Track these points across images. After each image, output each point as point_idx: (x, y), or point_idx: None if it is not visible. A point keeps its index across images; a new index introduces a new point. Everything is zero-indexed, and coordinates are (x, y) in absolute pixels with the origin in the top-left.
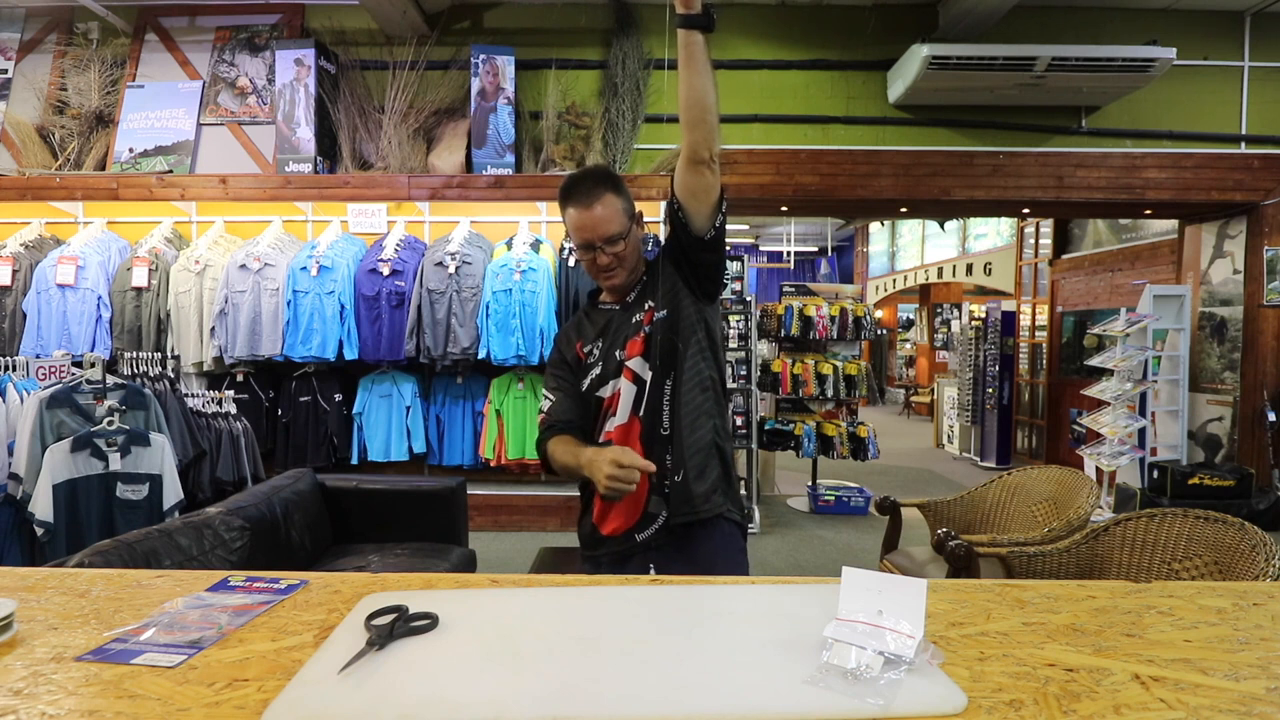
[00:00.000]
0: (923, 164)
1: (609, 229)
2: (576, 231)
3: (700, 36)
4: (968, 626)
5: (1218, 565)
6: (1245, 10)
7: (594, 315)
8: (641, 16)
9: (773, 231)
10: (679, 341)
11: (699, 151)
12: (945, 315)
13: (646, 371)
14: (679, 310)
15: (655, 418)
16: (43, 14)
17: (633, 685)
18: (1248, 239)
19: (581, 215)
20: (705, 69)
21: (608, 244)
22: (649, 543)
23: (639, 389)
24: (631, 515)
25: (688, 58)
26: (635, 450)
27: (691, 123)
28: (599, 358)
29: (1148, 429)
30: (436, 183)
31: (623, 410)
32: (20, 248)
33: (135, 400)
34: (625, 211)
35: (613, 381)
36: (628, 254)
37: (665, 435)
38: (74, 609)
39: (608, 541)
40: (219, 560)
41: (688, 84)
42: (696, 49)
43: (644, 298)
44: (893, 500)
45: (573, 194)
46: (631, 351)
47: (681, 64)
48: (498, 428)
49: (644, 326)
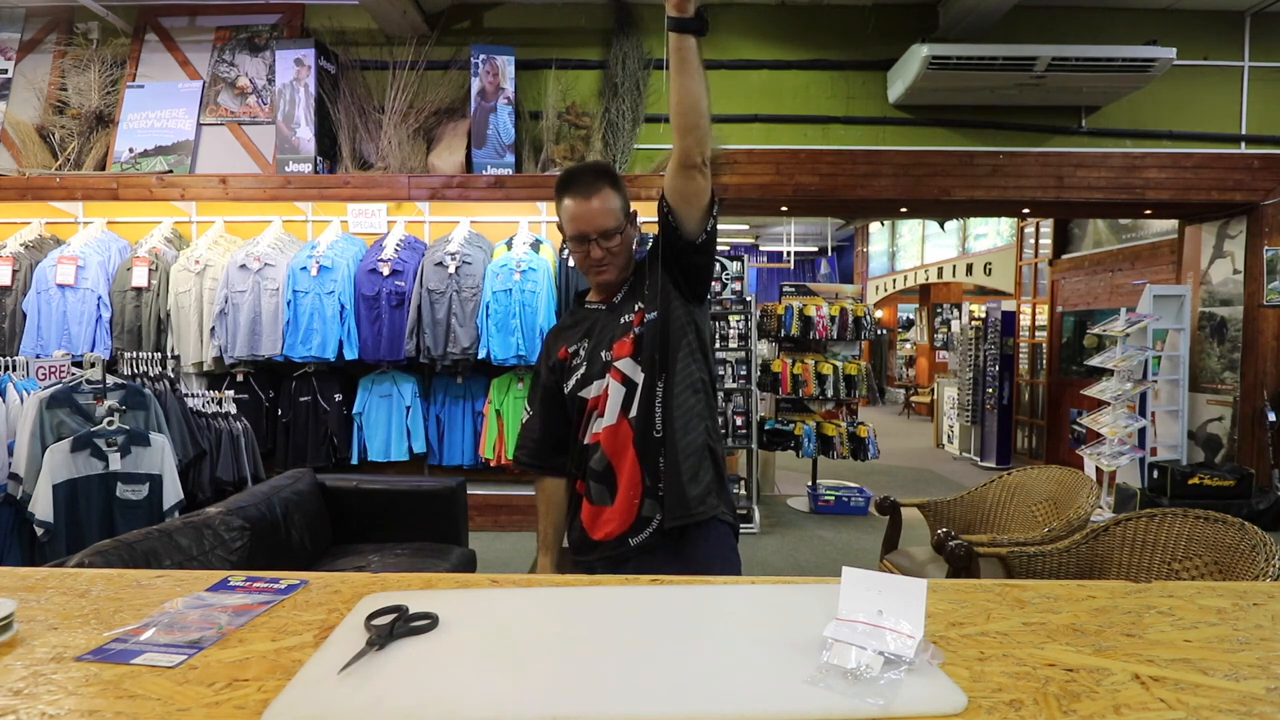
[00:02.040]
0: (923, 164)
1: (605, 222)
2: (572, 223)
3: (693, 40)
4: (968, 626)
5: (1218, 565)
6: (1245, 10)
7: (579, 315)
8: (641, 16)
9: (773, 231)
10: (671, 344)
11: (690, 156)
12: (945, 315)
13: (638, 374)
14: (670, 312)
15: (648, 420)
16: (43, 14)
17: (632, 685)
18: (1248, 239)
19: (579, 206)
20: (698, 73)
21: (602, 238)
22: (643, 546)
23: (628, 390)
24: (625, 519)
25: (680, 62)
26: (628, 453)
27: (683, 128)
28: (584, 358)
29: (1148, 429)
30: (436, 183)
31: (611, 411)
32: (20, 248)
33: (135, 400)
34: (622, 208)
35: (598, 382)
36: (621, 250)
37: (658, 438)
38: (74, 609)
39: (600, 546)
40: (219, 560)
41: (680, 88)
42: (689, 53)
43: (633, 298)
44: (893, 500)
45: (571, 185)
46: (620, 352)
47: (673, 68)
48: (498, 428)
49: (634, 328)
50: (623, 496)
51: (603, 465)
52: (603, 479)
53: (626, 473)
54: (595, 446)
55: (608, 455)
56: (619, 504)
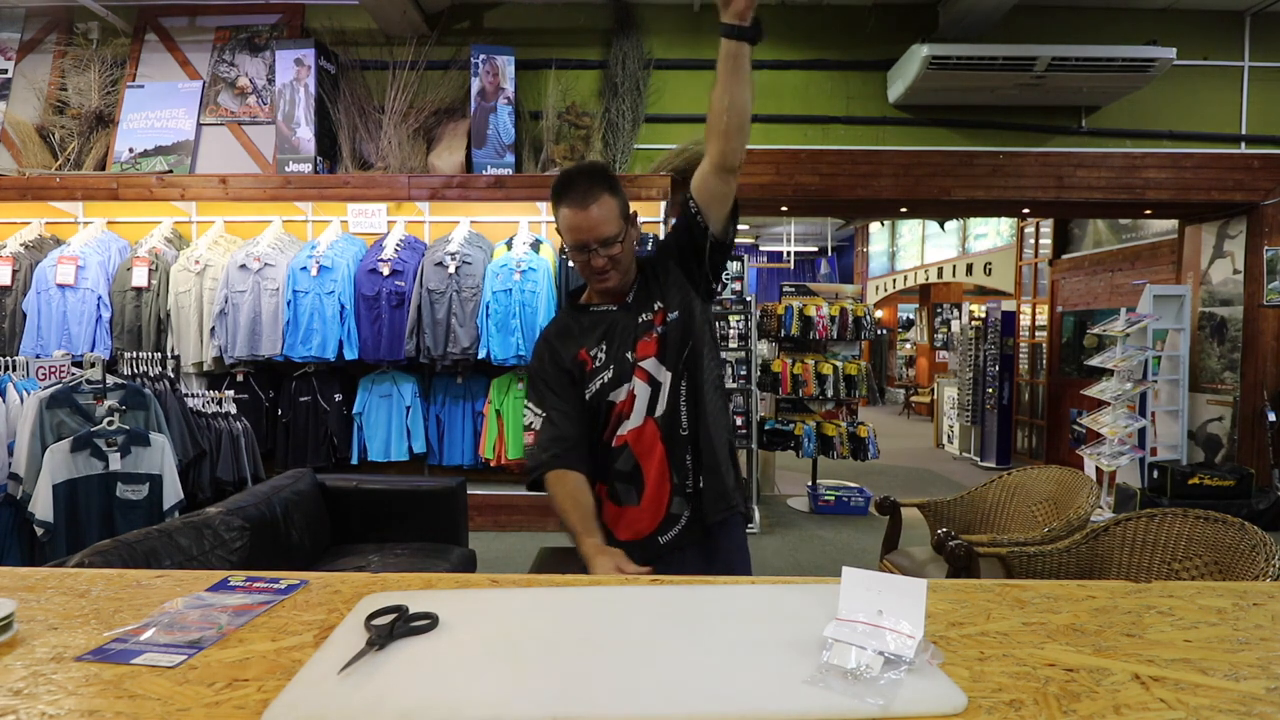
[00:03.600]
0: (923, 164)
1: (605, 230)
2: (570, 233)
3: (747, 48)
4: (968, 626)
5: (1218, 565)
6: (1245, 10)
7: (584, 318)
8: (641, 16)
9: (773, 231)
10: (695, 342)
11: (730, 160)
12: (945, 315)
13: (664, 373)
14: (691, 311)
15: (674, 419)
16: (43, 14)
17: (633, 685)
18: (1248, 239)
19: (576, 216)
20: (748, 80)
21: (603, 246)
22: (673, 544)
23: (653, 390)
24: (654, 518)
25: (734, 69)
26: (657, 451)
27: (728, 131)
28: (606, 361)
29: (1148, 429)
30: (436, 183)
31: (637, 413)
32: (20, 248)
33: (135, 400)
34: (621, 212)
35: (625, 385)
36: (623, 255)
37: (685, 436)
38: (74, 609)
39: (626, 546)
40: (219, 560)
41: (730, 94)
42: (743, 60)
43: (648, 297)
44: (893, 500)
45: (567, 193)
46: (644, 352)
47: (725, 74)
48: (498, 428)
49: (656, 327)
50: (650, 495)
51: (629, 465)
52: (630, 479)
53: (655, 471)
54: (622, 448)
55: (635, 455)
56: (646, 503)
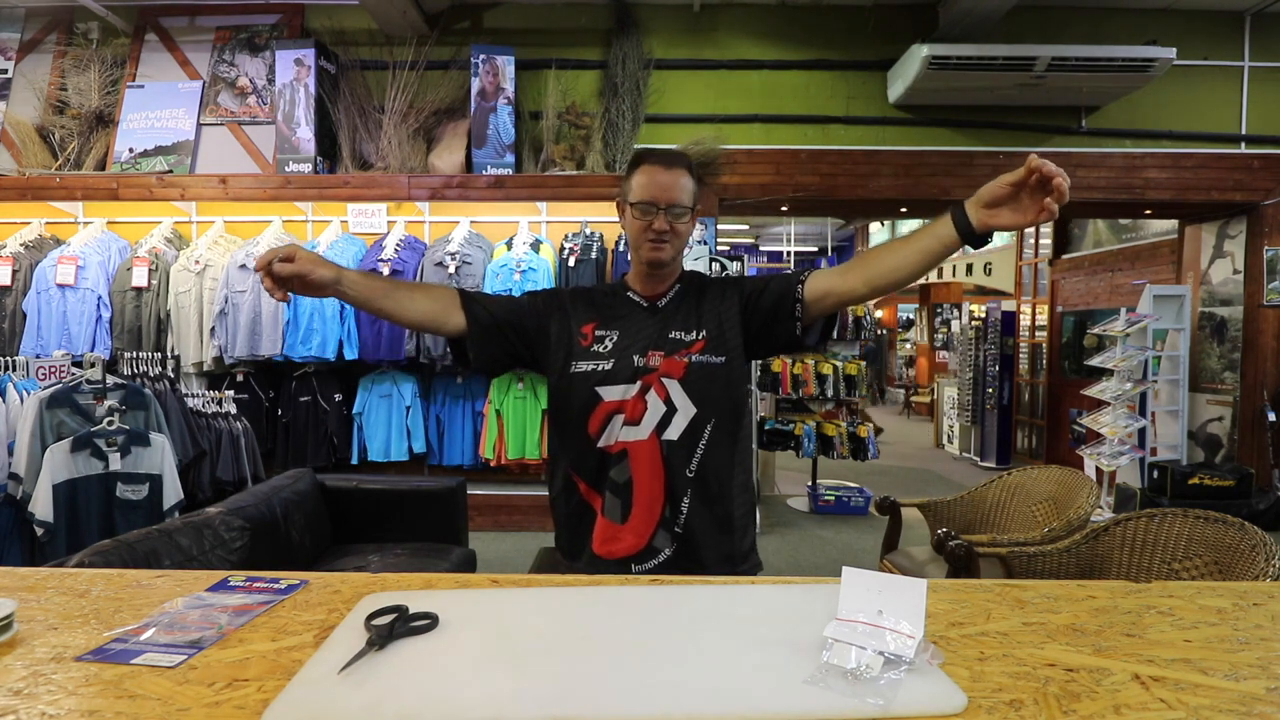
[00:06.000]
0: (923, 164)
1: (678, 196)
2: (645, 188)
3: (956, 247)
4: (968, 626)
5: (1218, 565)
6: (1245, 10)
7: (608, 301)
8: (641, 16)
9: (773, 231)
10: (734, 395)
11: (862, 298)
12: (945, 315)
13: (688, 405)
14: (736, 363)
15: (685, 456)
16: (43, 14)
17: (633, 685)
18: (1248, 239)
19: (659, 173)
20: (933, 263)
21: (670, 210)
22: (647, 574)
23: (669, 410)
24: (635, 544)
25: (936, 255)
26: (655, 474)
27: (883, 288)
28: (609, 352)
29: (1148, 429)
30: (436, 183)
31: (646, 426)
32: (20, 248)
33: (135, 400)
34: (694, 195)
35: (626, 386)
36: (682, 234)
37: (690, 478)
38: (74, 609)
39: (599, 562)
40: (219, 560)
41: (911, 268)
42: (947, 252)
43: (685, 316)
44: (893, 500)
45: (652, 155)
46: (668, 370)
47: (922, 252)
48: (498, 428)
49: (690, 354)
50: (637, 518)
51: (624, 478)
52: (622, 493)
53: (645, 494)
54: (621, 456)
55: (631, 470)
56: (631, 525)
